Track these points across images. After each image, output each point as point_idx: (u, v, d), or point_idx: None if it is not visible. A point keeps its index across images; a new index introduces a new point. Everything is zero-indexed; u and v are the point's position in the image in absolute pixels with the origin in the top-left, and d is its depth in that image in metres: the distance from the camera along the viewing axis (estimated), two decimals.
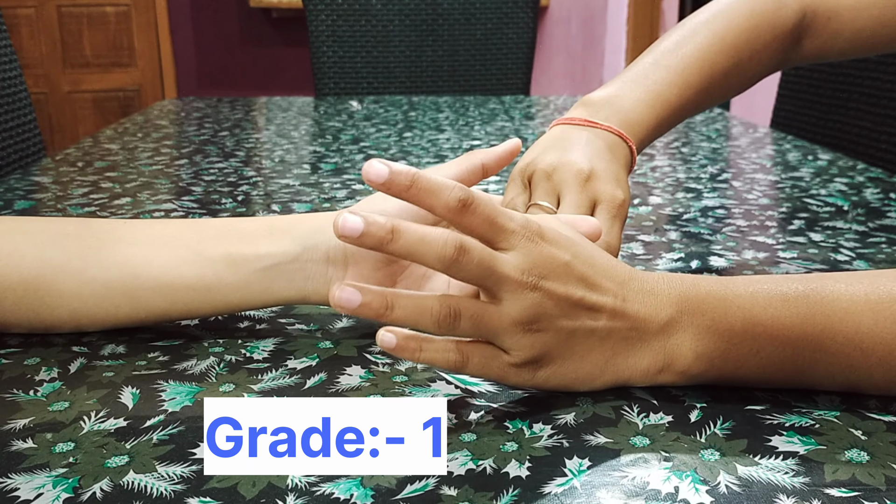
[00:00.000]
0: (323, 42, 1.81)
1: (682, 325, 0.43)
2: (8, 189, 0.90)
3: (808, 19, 0.70)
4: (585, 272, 0.43)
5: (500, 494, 0.36)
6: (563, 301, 0.42)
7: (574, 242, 0.44)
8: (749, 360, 0.43)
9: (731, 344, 0.43)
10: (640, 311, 0.43)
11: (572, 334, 0.42)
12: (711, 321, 0.43)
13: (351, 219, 0.38)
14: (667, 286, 0.44)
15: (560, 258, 0.42)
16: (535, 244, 0.41)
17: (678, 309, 0.43)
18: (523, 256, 0.41)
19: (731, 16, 0.67)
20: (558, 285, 0.42)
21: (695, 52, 0.65)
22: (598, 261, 0.44)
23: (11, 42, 1.27)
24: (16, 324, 0.51)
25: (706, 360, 0.44)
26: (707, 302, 0.43)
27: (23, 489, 0.37)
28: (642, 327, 0.43)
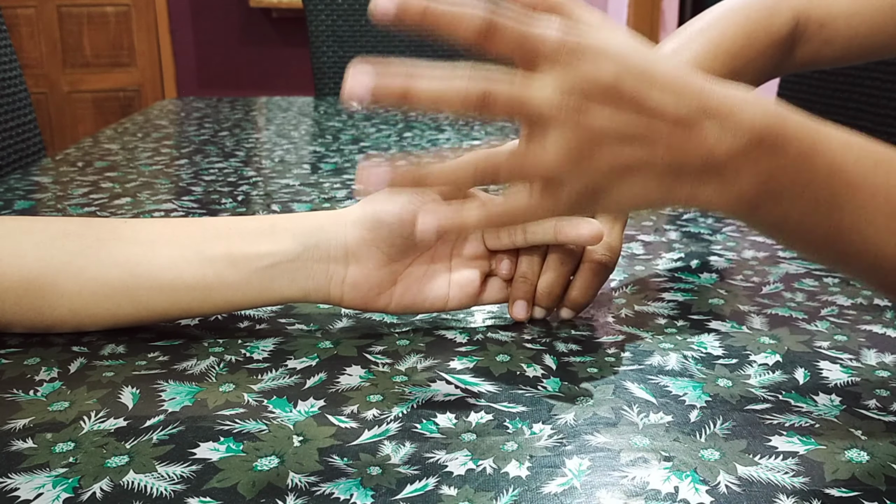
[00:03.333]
0: (323, 42, 1.81)
1: (758, 159, 0.38)
2: (8, 189, 0.90)
3: (801, 27, 0.70)
4: (638, 91, 0.37)
5: (500, 494, 0.36)
6: (615, 132, 0.37)
7: (629, 52, 0.38)
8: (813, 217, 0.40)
9: (807, 191, 0.39)
10: (708, 137, 0.38)
11: (629, 168, 0.38)
12: (792, 166, 0.39)
13: (359, 75, 0.36)
14: (749, 110, 0.38)
15: (606, 73, 0.36)
16: (576, 61, 0.36)
17: (758, 141, 0.38)
18: (561, 78, 0.36)
19: (725, 24, 0.67)
20: (607, 111, 0.37)
21: (691, 59, 0.65)
22: (661, 70, 0.38)
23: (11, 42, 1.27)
24: (16, 323, 0.51)
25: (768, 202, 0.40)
26: (792, 142, 0.39)
27: (23, 489, 0.37)
28: (710, 157, 0.38)
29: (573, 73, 0.36)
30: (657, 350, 0.51)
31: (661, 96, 0.37)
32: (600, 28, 0.39)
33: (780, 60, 0.71)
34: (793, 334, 0.53)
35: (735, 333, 0.54)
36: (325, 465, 0.38)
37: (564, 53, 0.36)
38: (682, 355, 0.50)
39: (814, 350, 0.51)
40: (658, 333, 0.54)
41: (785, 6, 0.70)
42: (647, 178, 0.39)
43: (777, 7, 0.69)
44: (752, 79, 0.70)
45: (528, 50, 0.37)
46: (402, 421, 0.42)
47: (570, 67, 0.36)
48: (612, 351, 0.51)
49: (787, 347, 0.51)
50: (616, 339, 0.53)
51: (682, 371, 0.48)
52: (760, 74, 0.70)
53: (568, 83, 0.36)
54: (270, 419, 0.43)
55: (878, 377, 0.48)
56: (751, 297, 0.60)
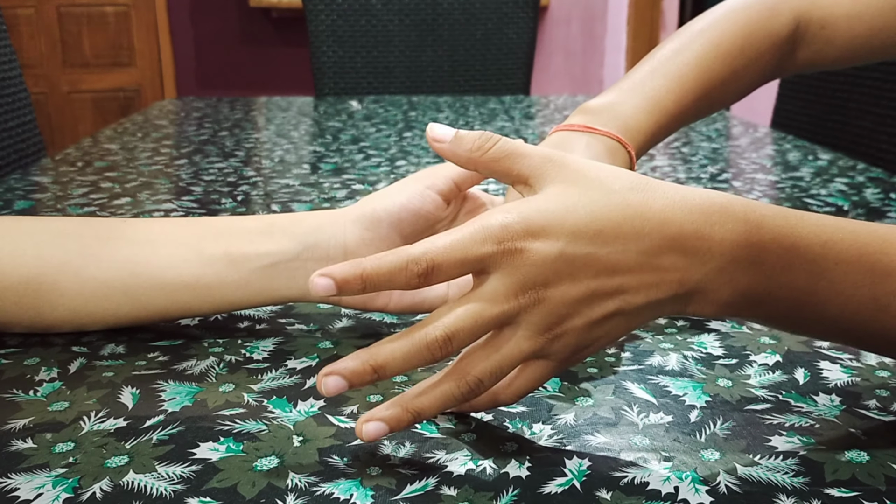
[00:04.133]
0: (323, 42, 1.81)
1: (734, 276, 0.38)
2: (8, 189, 0.90)
3: (802, 28, 0.70)
4: (588, 255, 0.37)
5: (500, 494, 0.36)
6: (579, 300, 0.37)
7: (568, 214, 0.37)
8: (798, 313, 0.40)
9: (789, 293, 0.39)
10: (678, 264, 0.37)
11: (606, 318, 0.38)
12: (770, 275, 0.38)
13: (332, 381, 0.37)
14: (717, 230, 0.37)
15: (550, 253, 0.37)
16: (518, 255, 0.37)
17: (731, 259, 0.38)
18: (508, 277, 0.37)
19: (726, 24, 0.67)
20: (565, 286, 0.37)
21: (692, 59, 0.65)
22: (607, 223, 0.37)
23: (11, 42, 1.27)
24: (16, 323, 0.51)
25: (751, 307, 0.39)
26: (769, 252, 0.38)
27: (23, 489, 0.36)
28: (685, 283, 0.38)
29: (518, 270, 0.37)
30: (657, 350, 0.51)
31: (616, 248, 0.37)
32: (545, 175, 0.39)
33: (781, 61, 0.71)
34: (794, 335, 0.53)
35: (735, 333, 0.54)
36: (325, 465, 0.38)
37: (507, 253, 0.37)
38: (682, 355, 0.50)
39: (814, 350, 0.51)
40: (658, 333, 0.54)
41: (785, 7, 0.70)
42: (626, 319, 0.39)
43: (778, 8, 0.69)
44: (754, 79, 0.70)
45: (471, 261, 0.37)
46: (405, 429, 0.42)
47: (513, 266, 0.37)
48: (612, 351, 0.51)
49: (787, 347, 0.51)
50: None
51: (682, 371, 0.48)
52: (761, 75, 0.70)
53: (517, 281, 0.37)
54: (270, 419, 0.43)
55: (878, 377, 0.48)
56: None
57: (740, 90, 0.70)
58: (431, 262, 0.37)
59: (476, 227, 0.37)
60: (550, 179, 0.39)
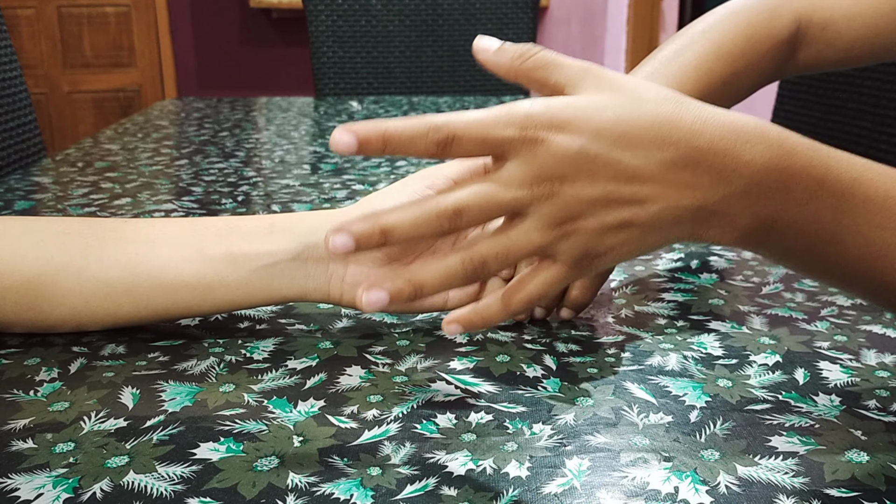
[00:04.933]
0: (323, 42, 1.81)
1: (759, 200, 0.37)
2: (8, 189, 0.90)
3: (803, 29, 0.70)
4: (608, 156, 0.36)
5: (500, 494, 0.36)
6: (594, 202, 0.37)
7: (595, 113, 0.36)
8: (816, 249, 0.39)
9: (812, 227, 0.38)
10: (701, 179, 0.36)
11: (621, 226, 0.38)
12: (796, 204, 0.37)
13: (340, 238, 0.37)
14: (748, 150, 0.36)
15: (570, 148, 0.36)
16: (538, 144, 0.36)
17: (758, 182, 0.36)
18: (526, 165, 0.36)
19: (727, 26, 0.67)
20: (581, 185, 0.36)
21: (693, 61, 0.65)
22: (632, 128, 0.36)
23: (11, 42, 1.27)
24: (17, 323, 0.51)
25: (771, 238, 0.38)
26: (798, 180, 0.37)
27: (23, 489, 0.37)
28: (705, 201, 0.37)
29: (536, 159, 0.36)
30: (657, 350, 0.51)
31: (635, 156, 0.37)
32: (582, 84, 0.39)
33: (782, 63, 0.71)
34: (793, 335, 0.53)
35: (735, 334, 0.54)
36: (325, 465, 0.38)
37: (528, 140, 0.36)
38: (682, 355, 0.50)
39: (814, 350, 0.51)
40: (658, 334, 0.54)
41: (786, 9, 0.70)
42: (640, 232, 0.38)
43: (778, 10, 0.69)
44: (755, 81, 0.70)
45: (491, 142, 0.37)
46: (402, 421, 0.42)
47: (534, 152, 0.36)
48: (612, 351, 0.51)
49: (786, 348, 0.51)
50: (616, 340, 0.53)
51: (682, 371, 0.48)
52: (762, 77, 0.70)
53: (534, 171, 0.36)
54: (270, 419, 0.43)
55: (878, 377, 0.48)
56: (751, 298, 0.60)
57: (741, 92, 0.70)
58: (452, 132, 0.36)
59: (501, 110, 0.37)
60: (586, 87, 0.39)
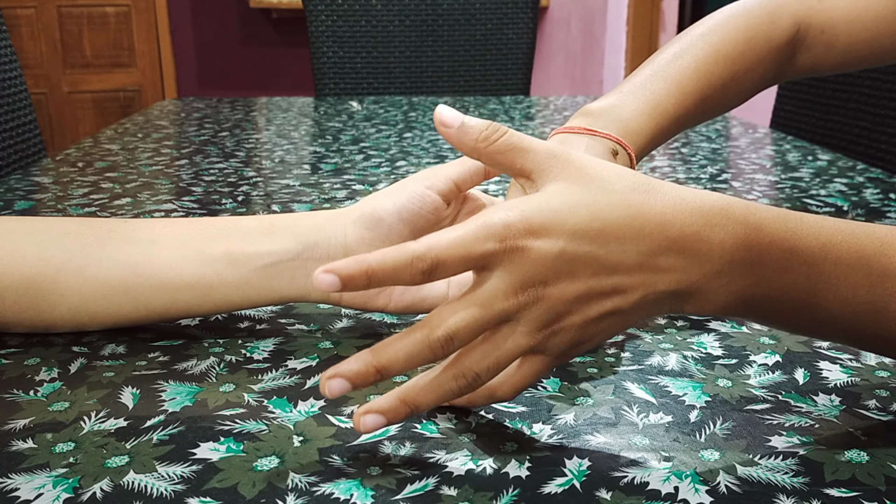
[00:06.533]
0: (323, 42, 1.81)
1: (733, 278, 0.38)
2: (8, 189, 0.90)
3: (802, 33, 0.70)
4: (588, 253, 0.37)
5: (500, 494, 0.36)
6: (577, 298, 0.38)
7: (570, 213, 0.38)
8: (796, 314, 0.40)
9: (787, 295, 0.39)
10: (677, 264, 0.38)
11: (603, 317, 0.39)
12: (769, 277, 0.39)
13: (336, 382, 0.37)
14: (717, 233, 0.38)
15: (550, 252, 0.37)
16: (519, 253, 0.37)
17: (729, 261, 0.38)
18: (510, 275, 0.37)
19: (727, 28, 0.67)
20: (563, 285, 0.37)
21: (692, 63, 0.65)
22: (609, 219, 0.38)
23: (11, 42, 1.27)
24: (17, 323, 0.51)
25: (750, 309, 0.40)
26: (769, 254, 0.38)
27: (23, 489, 0.37)
28: (682, 283, 0.38)
29: (519, 268, 0.37)
30: (657, 350, 0.51)
31: (613, 250, 0.37)
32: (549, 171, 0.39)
33: (782, 66, 0.71)
34: (792, 334, 0.53)
35: (735, 333, 0.54)
36: (326, 465, 0.38)
37: (507, 254, 0.37)
38: (681, 355, 0.50)
39: (813, 350, 0.51)
40: (658, 333, 0.54)
41: (786, 12, 0.70)
42: (623, 318, 0.39)
43: (778, 13, 0.70)
44: (754, 84, 0.70)
45: (474, 258, 0.37)
46: (402, 421, 0.42)
47: (514, 264, 0.37)
48: (611, 351, 0.51)
49: (786, 348, 0.52)
50: (616, 339, 0.53)
51: (682, 371, 0.48)
52: (761, 80, 0.70)
53: (518, 280, 0.37)
54: (271, 419, 0.43)
55: (877, 377, 0.48)
56: None
57: (741, 95, 0.70)
58: (436, 259, 0.37)
59: (479, 224, 0.37)
60: (553, 176, 0.39)
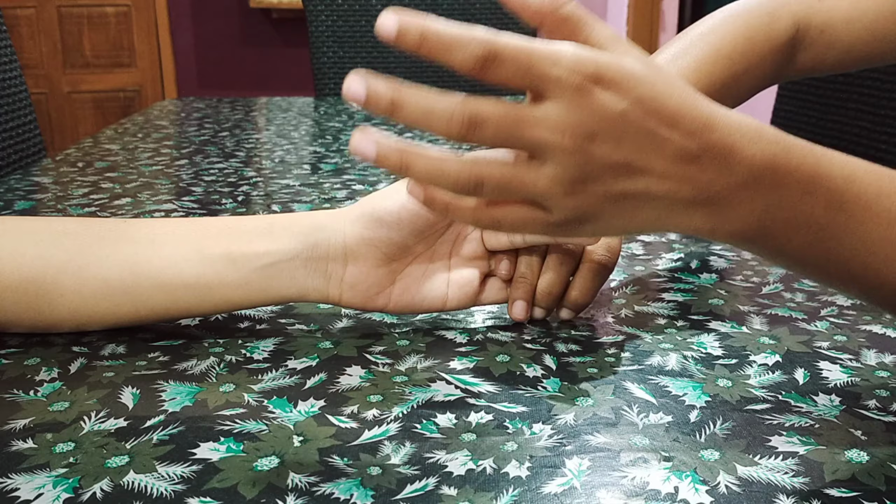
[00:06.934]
0: (323, 42, 1.81)
1: (755, 195, 0.38)
2: (8, 189, 0.90)
3: (802, 32, 0.70)
4: (645, 125, 0.36)
5: (500, 494, 0.36)
6: (612, 166, 0.37)
7: (640, 81, 0.36)
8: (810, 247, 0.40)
9: (806, 225, 0.39)
10: (706, 173, 0.37)
11: (622, 197, 0.38)
12: (790, 200, 0.38)
13: (355, 84, 0.36)
14: (750, 146, 0.38)
15: (613, 109, 0.36)
16: (583, 94, 0.35)
17: (756, 176, 0.38)
18: (566, 112, 0.36)
19: (726, 29, 0.68)
20: (608, 147, 0.36)
21: (692, 63, 0.65)
22: (669, 102, 0.37)
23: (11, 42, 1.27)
24: (17, 323, 0.51)
25: (765, 235, 0.40)
26: (793, 177, 0.38)
27: (23, 489, 0.37)
28: (706, 191, 0.38)
29: (577, 110, 0.36)
30: (657, 350, 0.51)
31: (666, 132, 0.37)
32: (613, 48, 0.38)
33: (781, 66, 0.71)
34: (793, 334, 0.53)
35: (735, 334, 0.54)
36: (326, 465, 0.38)
37: (576, 82, 0.35)
38: (681, 355, 0.50)
39: (814, 350, 0.51)
40: (658, 333, 0.54)
41: (785, 12, 0.70)
42: (639, 207, 0.38)
43: (778, 13, 0.69)
44: (754, 84, 0.70)
45: (536, 75, 0.36)
46: (402, 421, 0.42)
47: (574, 104, 0.36)
48: (611, 351, 0.51)
49: (786, 348, 0.52)
50: (616, 340, 0.53)
51: (682, 371, 0.48)
52: (761, 80, 0.70)
53: (571, 120, 0.36)
54: (271, 419, 0.43)
55: (877, 377, 0.48)
56: (750, 298, 0.60)
57: (740, 94, 0.70)
58: (495, 50, 0.35)
59: (549, 47, 0.36)
60: (623, 51, 0.38)
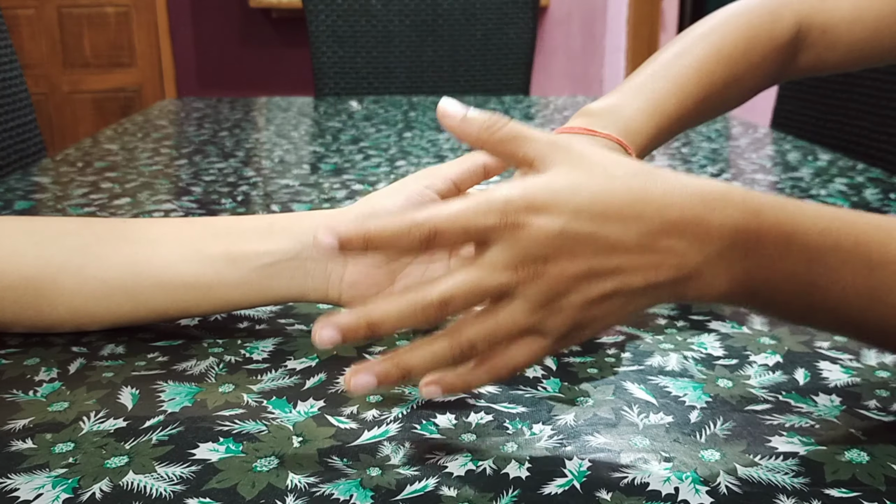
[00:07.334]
0: (323, 42, 1.81)
1: (732, 261, 0.38)
2: (8, 189, 0.90)
3: (804, 32, 0.70)
4: (590, 232, 0.37)
5: (500, 495, 0.36)
6: (576, 278, 0.38)
7: (573, 192, 0.38)
8: (796, 301, 0.40)
9: (786, 282, 0.39)
10: (676, 251, 0.38)
11: (603, 299, 0.38)
12: (768, 262, 0.39)
13: (327, 331, 0.38)
14: (716, 215, 0.38)
15: (552, 229, 0.37)
16: (519, 228, 0.37)
17: (729, 244, 0.38)
18: (509, 250, 0.37)
19: (728, 28, 0.67)
20: (563, 263, 0.37)
21: (693, 63, 0.65)
22: (613, 199, 0.38)
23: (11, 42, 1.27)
24: (16, 322, 0.51)
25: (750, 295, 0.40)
26: (767, 239, 0.39)
27: (23, 489, 0.37)
28: (684, 267, 0.38)
29: (519, 243, 0.37)
30: (657, 350, 0.51)
31: (616, 229, 0.37)
32: (550, 159, 0.39)
33: (783, 66, 0.71)
34: (793, 335, 0.53)
35: (735, 334, 0.54)
36: (325, 465, 0.38)
37: (508, 226, 0.37)
38: (682, 356, 0.50)
39: (814, 350, 0.51)
40: (658, 334, 0.54)
41: (787, 12, 0.70)
42: (624, 301, 0.39)
43: (779, 13, 0.69)
44: (755, 83, 0.70)
45: (474, 231, 0.37)
46: (401, 422, 0.42)
47: (514, 239, 0.37)
48: (612, 351, 0.51)
49: (787, 348, 0.51)
50: (616, 340, 0.53)
51: (683, 372, 0.48)
52: (763, 80, 0.70)
53: (517, 254, 0.37)
54: (270, 420, 0.43)
55: (878, 378, 0.48)
56: None
57: (742, 94, 0.70)
58: (434, 228, 0.37)
59: (480, 198, 0.38)
60: (556, 163, 0.40)
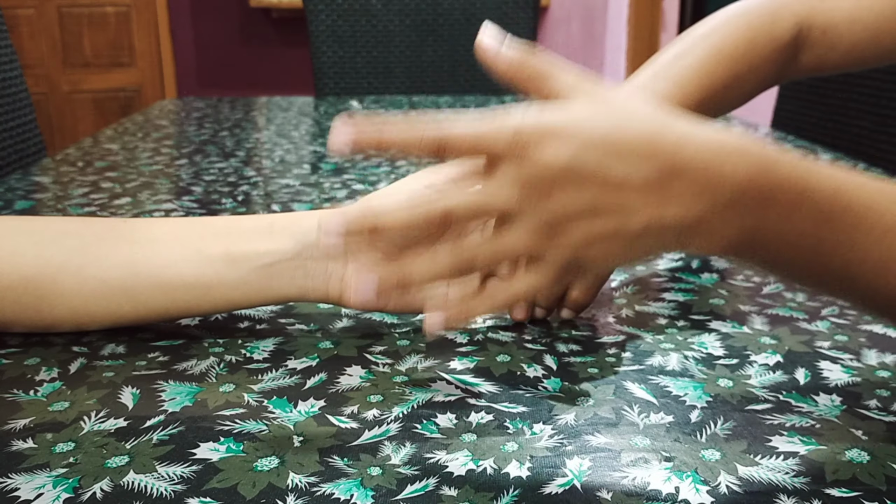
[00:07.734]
0: (323, 42, 1.81)
1: (742, 213, 0.38)
2: (8, 189, 0.90)
3: (804, 33, 0.70)
4: (598, 166, 0.36)
5: (500, 495, 0.36)
6: (579, 212, 0.37)
7: (586, 125, 0.37)
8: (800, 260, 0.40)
9: (795, 239, 0.39)
10: (684, 195, 0.37)
11: (604, 238, 0.38)
12: (777, 217, 0.38)
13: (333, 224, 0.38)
14: (730, 165, 0.37)
15: (558, 160, 0.36)
16: (529, 154, 0.36)
17: (741, 195, 0.37)
18: (517, 172, 0.37)
19: (728, 29, 0.67)
20: (567, 196, 0.37)
21: (694, 64, 0.65)
22: (626, 135, 0.37)
23: (11, 42, 1.27)
24: (16, 323, 0.51)
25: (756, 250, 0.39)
26: (778, 193, 0.38)
27: (23, 489, 0.36)
28: (690, 214, 0.37)
29: (528, 165, 0.37)
30: (658, 350, 0.51)
31: (625, 166, 0.37)
32: (575, 94, 0.40)
33: (784, 66, 0.71)
34: (793, 334, 0.53)
35: (736, 333, 0.54)
36: (326, 465, 0.38)
37: (518, 149, 0.37)
38: (682, 355, 0.50)
39: (814, 350, 0.51)
40: (658, 333, 0.54)
41: (788, 12, 0.70)
42: (626, 242, 0.38)
43: (780, 13, 0.69)
44: (756, 84, 0.70)
45: (484, 153, 0.38)
46: (402, 421, 0.42)
47: (524, 161, 0.37)
48: (612, 351, 0.51)
49: (787, 347, 0.51)
50: (616, 340, 0.53)
51: (683, 371, 0.48)
52: (763, 80, 0.70)
53: (524, 178, 0.37)
54: (270, 419, 0.43)
55: (878, 377, 0.48)
56: (751, 297, 0.60)
57: (743, 95, 0.70)
58: (444, 139, 0.38)
59: (494, 118, 0.38)
60: (578, 97, 0.40)
